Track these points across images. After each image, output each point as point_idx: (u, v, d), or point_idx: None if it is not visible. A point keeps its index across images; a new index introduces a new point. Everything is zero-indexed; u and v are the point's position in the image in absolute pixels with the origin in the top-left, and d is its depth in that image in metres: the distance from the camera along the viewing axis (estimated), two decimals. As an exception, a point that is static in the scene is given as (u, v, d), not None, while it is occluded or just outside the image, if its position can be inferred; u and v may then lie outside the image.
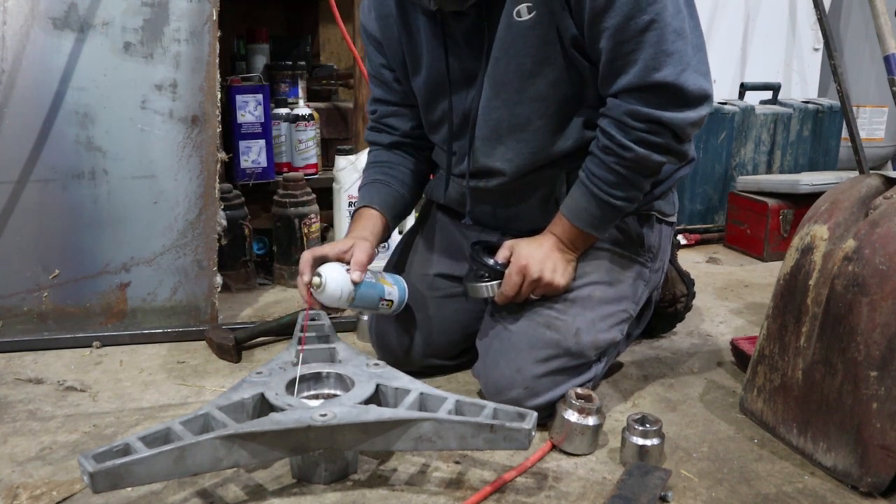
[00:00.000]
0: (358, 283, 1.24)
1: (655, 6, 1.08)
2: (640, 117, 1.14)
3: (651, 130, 1.15)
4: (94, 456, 0.93)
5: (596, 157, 1.21)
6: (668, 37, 1.10)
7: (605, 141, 1.18)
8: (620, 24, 1.09)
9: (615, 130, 1.17)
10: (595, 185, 1.21)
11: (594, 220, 1.25)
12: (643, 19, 1.09)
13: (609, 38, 1.11)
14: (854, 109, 2.63)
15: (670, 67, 1.11)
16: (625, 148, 1.17)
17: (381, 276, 1.34)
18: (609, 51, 1.13)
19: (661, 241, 1.39)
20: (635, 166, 1.19)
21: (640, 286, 1.37)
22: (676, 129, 1.15)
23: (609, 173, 1.20)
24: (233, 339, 1.56)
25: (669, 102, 1.13)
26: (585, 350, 1.27)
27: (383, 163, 1.45)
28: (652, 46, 1.10)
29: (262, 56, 2.35)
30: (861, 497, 1.10)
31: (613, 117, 1.17)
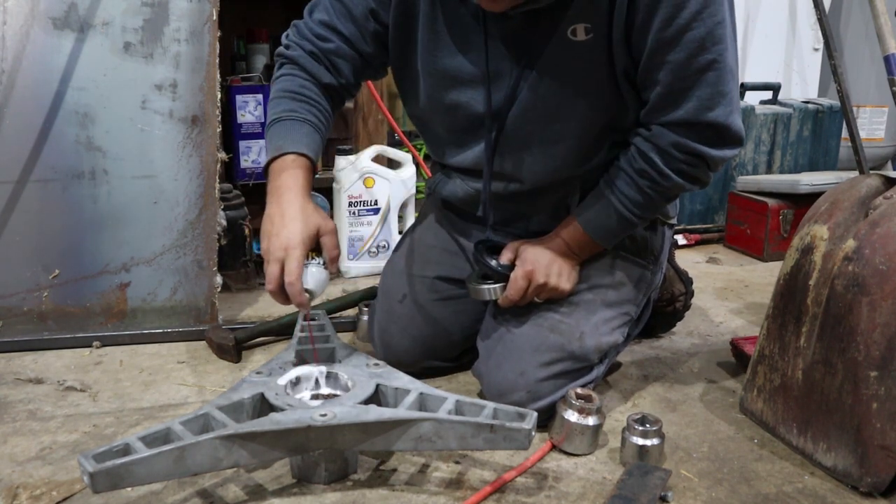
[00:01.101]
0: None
1: (720, 46, 1.09)
2: (685, 150, 1.15)
3: (691, 163, 1.17)
4: (94, 456, 0.93)
5: (627, 177, 1.21)
6: (725, 77, 1.11)
7: (644, 165, 1.18)
8: (684, 60, 1.09)
9: (657, 157, 1.17)
10: (621, 203, 1.22)
11: (608, 233, 1.26)
12: (707, 58, 1.09)
13: (670, 71, 1.11)
14: (854, 109, 2.63)
15: (722, 108, 1.12)
16: (664, 176, 1.18)
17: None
18: (667, 84, 1.12)
19: (663, 243, 1.40)
20: (666, 192, 1.21)
21: (643, 289, 1.38)
22: (712, 163, 1.18)
23: (639, 194, 1.21)
24: (233, 339, 1.56)
25: (715, 140, 1.15)
26: (589, 354, 1.27)
27: (314, 101, 1.24)
28: (710, 86, 1.11)
29: (262, 56, 2.35)
30: (861, 497, 1.10)
31: (657, 145, 1.17)
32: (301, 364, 1.22)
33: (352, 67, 1.29)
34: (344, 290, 1.99)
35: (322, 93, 1.27)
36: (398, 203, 2.15)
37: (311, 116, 1.23)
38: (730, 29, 1.12)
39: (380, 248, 2.13)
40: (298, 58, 1.27)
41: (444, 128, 1.33)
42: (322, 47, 1.26)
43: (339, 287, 2.04)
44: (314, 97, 1.25)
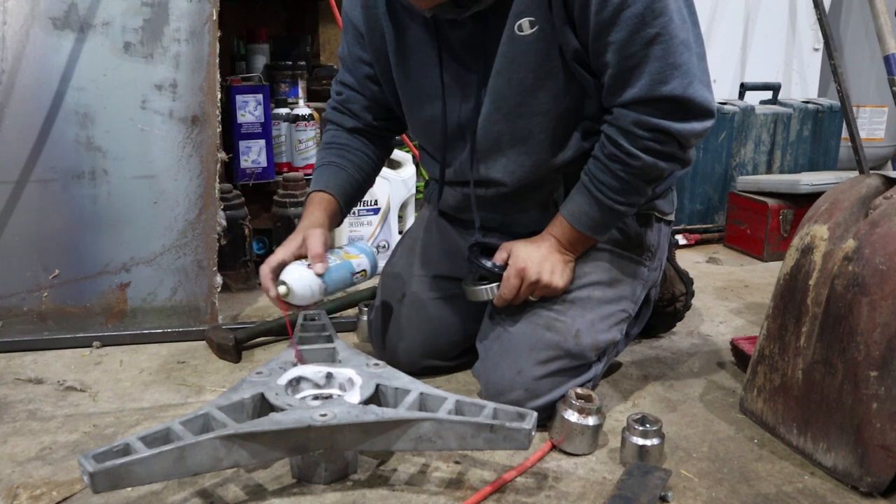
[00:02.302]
0: (322, 274, 1.22)
1: (661, 19, 1.08)
2: (647, 126, 1.14)
3: (657, 139, 1.15)
4: (94, 456, 0.93)
5: (600, 163, 1.20)
6: (675, 49, 1.10)
7: (612, 149, 1.18)
8: (626, 38, 1.09)
9: (622, 139, 1.16)
10: (599, 191, 1.21)
11: (595, 223, 1.25)
12: (649, 32, 1.08)
13: (615, 51, 1.11)
14: (854, 109, 2.63)
15: (677, 80, 1.11)
16: (632, 156, 1.17)
17: (345, 251, 1.31)
18: (615, 64, 1.12)
19: (660, 239, 1.39)
20: (641, 173, 1.19)
21: (639, 286, 1.37)
22: (682, 138, 1.16)
23: (614, 179, 1.20)
24: (233, 339, 1.56)
25: (676, 114, 1.13)
26: (585, 351, 1.27)
27: (342, 145, 1.42)
28: (658, 60, 1.10)
29: (262, 56, 2.35)
30: (861, 497, 1.10)
31: (620, 126, 1.16)
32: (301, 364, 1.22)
33: (365, 109, 1.42)
34: (344, 290, 1.99)
35: (350, 135, 1.43)
36: (398, 203, 2.16)
37: (336, 158, 1.40)
38: (675, 2, 1.10)
39: (380, 248, 2.13)
40: (328, 115, 1.47)
41: (427, 143, 1.40)
42: (338, 100, 1.44)
43: (339, 287, 2.04)
44: (341, 141, 1.42)
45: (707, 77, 1.16)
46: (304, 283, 1.20)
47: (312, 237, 1.24)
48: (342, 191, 1.37)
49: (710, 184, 2.62)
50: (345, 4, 1.37)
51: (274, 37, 2.41)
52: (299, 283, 1.20)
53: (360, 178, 1.41)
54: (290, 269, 1.21)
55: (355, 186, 1.40)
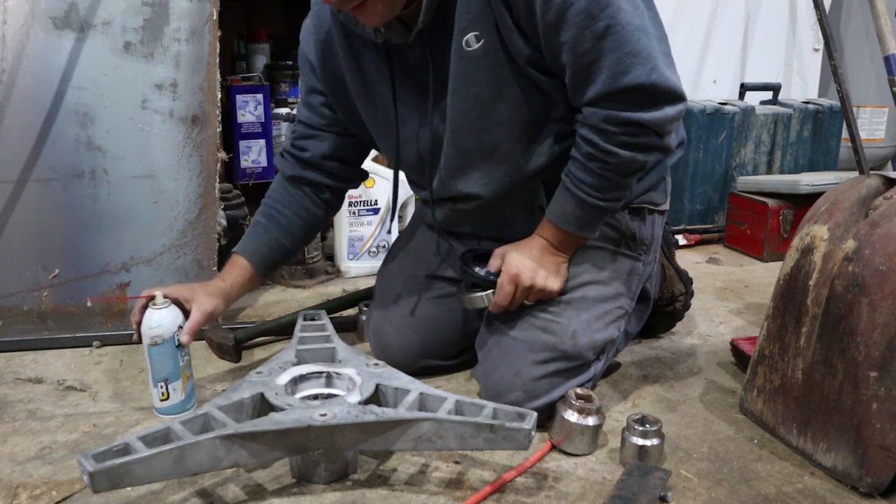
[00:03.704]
0: (181, 346, 1.29)
1: (609, 10, 1.05)
2: (617, 122, 1.12)
3: (631, 133, 1.13)
4: (93, 456, 0.93)
5: (579, 163, 1.19)
6: (629, 37, 1.07)
7: (588, 148, 1.16)
8: (577, 35, 1.07)
9: (597, 137, 1.14)
10: (580, 190, 1.19)
11: (581, 222, 1.24)
12: (599, 26, 1.06)
13: (569, 51, 1.09)
14: (854, 110, 2.63)
15: (639, 68, 1.08)
16: (609, 153, 1.15)
17: (188, 372, 1.34)
18: (572, 63, 1.11)
19: (654, 231, 1.38)
20: (621, 168, 1.17)
21: (635, 281, 1.37)
22: (656, 127, 1.13)
23: (593, 178, 1.18)
24: (233, 339, 1.56)
25: (644, 103, 1.11)
26: (583, 351, 1.27)
27: (275, 202, 1.43)
28: (614, 51, 1.07)
29: (263, 56, 2.35)
30: (861, 497, 1.10)
31: (592, 125, 1.14)
32: (301, 364, 1.22)
33: (316, 141, 1.42)
34: (344, 289, 1.99)
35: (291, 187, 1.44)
36: (398, 203, 2.15)
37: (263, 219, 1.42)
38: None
39: (380, 247, 2.13)
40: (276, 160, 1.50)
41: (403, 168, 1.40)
42: (292, 138, 1.45)
43: (339, 287, 2.04)
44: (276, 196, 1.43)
45: (670, 59, 1.13)
46: (160, 329, 1.28)
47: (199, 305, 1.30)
48: (260, 257, 1.40)
49: (710, 184, 2.63)
50: (301, 40, 1.37)
51: (274, 37, 2.41)
52: (159, 320, 1.28)
53: (284, 241, 1.42)
54: (164, 313, 1.28)
55: (278, 251, 1.42)
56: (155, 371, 1.30)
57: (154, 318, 1.28)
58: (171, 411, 1.30)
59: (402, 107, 1.28)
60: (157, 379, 1.30)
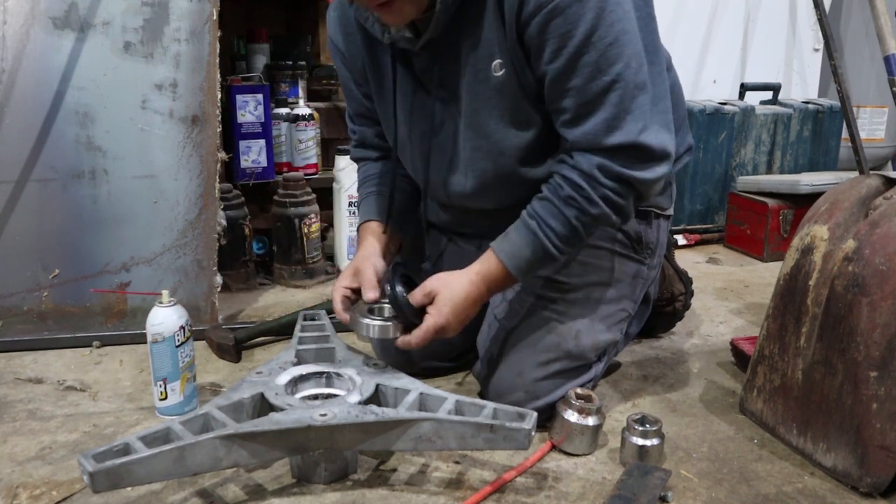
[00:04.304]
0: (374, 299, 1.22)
1: (617, 66, 1.06)
2: (610, 173, 1.10)
3: (617, 190, 1.12)
4: (93, 456, 0.93)
5: (552, 206, 1.14)
6: (630, 94, 1.08)
7: (571, 191, 1.13)
8: (582, 85, 1.07)
9: (585, 183, 1.12)
10: (545, 236, 1.15)
11: (529, 267, 1.17)
12: (605, 80, 1.07)
13: (572, 97, 1.09)
14: (854, 110, 2.63)
15: (630, 125, 1.08)
16: (592, 203, 1.12)
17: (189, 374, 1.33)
18: (571, 107, 1.10)
19: (660, 236, 1.39)
20: (593, 223, 1.15)
21: (639, 284, 1.37)
22: (642, 187, 1.13)
23: (564, 226, 1.14)
24: (233, 339, 1.56)
25: (634, 161, 1.10)
26: (586, 352, 1.27)
27: (373, 175, 1.41)
28: (614, 106, 1.08)
29: (263, 56, 2.35)
30: (861, 497, 1.10)
31: (583, 170, 1.12)
32: (301, 364, 1.22)
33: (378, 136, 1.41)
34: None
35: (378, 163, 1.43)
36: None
37: (371, 188, 1.41)
38: (631, 46, 1.07)
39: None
40: (353, 156, 1.49)
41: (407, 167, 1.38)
42: (355, 139, 1.46)
43: (339, 287, 2.03)
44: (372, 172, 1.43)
45: (665, 117, 1.13)
46: (161, 328, 1.29)
47: (365, 273, 1.25)
48: (385, 213, 1.34)
49: (710, 184, 2.62)
50: (328, 29, 1.37)
51: (274, 37, 2.41)
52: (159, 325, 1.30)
53: (400, 197, 1.37)
54: (168, 311, 1.30)
55: (397, 205, 1.36)
56: (155, 370, 1.30)
57: (158, 315, 1.28)
58: (169, 412, 1.30)
59: (401, 109, 1.28)
60: (156, 378, 1.30)
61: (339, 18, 1.32)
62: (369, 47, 1.28)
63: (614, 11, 1.05)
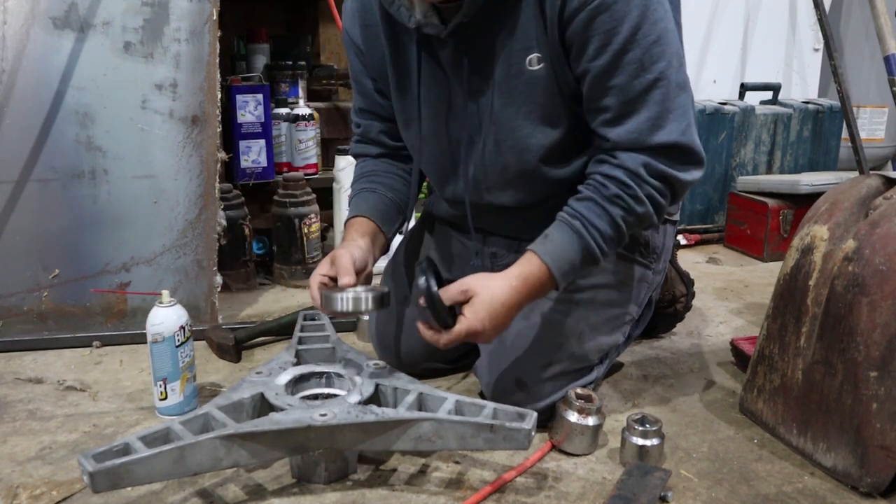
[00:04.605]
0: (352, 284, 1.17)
1: (660, 64, 1.07)
2: (655, 172, 1.11)
3: (661, 189, 1.12)
4: (93, 456, 0.93)
5: (597, 205, 1.12)
6: (673, 93, 1.09)
7: (617, 189, 1.11)
8: (626, 82, 1.08)
9: (632, 181, 1.11)
10: (591, 236, 1.12)
11: (572, 269, 1.14)
12: (648, 78, 1.07)
13: (615, 95, 1.09)
14: (854, 110, 2.63)
15: (674, 124, 1.09)
16: (638, 201, 1.11)
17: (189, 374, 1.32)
18: (613, 106, 1.10)
19: (665, 241, 1.39)
20: (637, 223, 1.14)
21: (644, 288, 1.37)
22: (681, 188, 1.14)
23: (609, 225, 1.12)
24: (233, 339, 1.56)
25: (676, 161, 1.12)
26: (589, 354, 1.27)
27: (370, 173, 1.39)
28: (657, 104, 1.08)
29: (263, 56, 2.35)
30: (861, 497, 1.10)
31: (629, 168, 1.11)
32: (301, 364, 1.22)
33: (384, 133, 1.40)
34: (344, 289, 1.99)
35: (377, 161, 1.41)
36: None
37: (366, 185, 1.37)
38: (673, 44, 1.08)
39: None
40: (353, 151, 1.46)
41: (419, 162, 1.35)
42: (358, 133, 1.43)
43: (339, 287, 2.03)
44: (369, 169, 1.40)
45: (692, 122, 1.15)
46: (161, 327, 1.29)
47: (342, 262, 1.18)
48: (376, 211, 1.33)
49: (710, 184, 2.62)
50: (344, 21, 1.35)
51: (274, 37, 2.41)
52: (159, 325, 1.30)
53: (392, 196, 1.36)
54: (168, 311, 1.30)
55: (389, 205, 1.35)
56: (155, 370, 1.30)
57: (158, 315, 1.28)
58: (169, 412, 1.30)
59: (425, 103, 1.26)
60: (156, 378, 1.30)
61: (357, 10, 1.30)
62: (392, 40, 1.26)
63: (657, 10, 1.06)
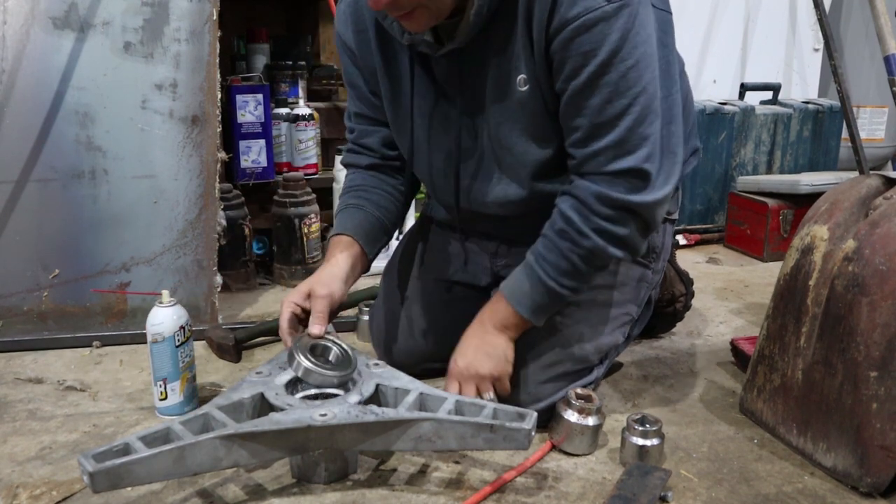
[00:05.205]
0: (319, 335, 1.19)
1: (635, 89, 1.05)
2: (608, 201, 1.09)
3: (616, 219, 1.10)
4: (93, 456, 0.93)
5: (548, 240, 1.14)
6: (644, 118, 1.07)
7: (562, 224, 1.13)
8: (600, 104, 1.06)
9: (575, 214, 1.11)
10: (543, 270, 1.14)
11: (536, 306, 1.17)
12: (622, 103, 1.06)
13: (588, 116, 1.08)
14: (854, 110, 2.63)
15: (640, 150, 1.08)
16: (582, 235, 1.11)
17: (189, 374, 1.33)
18: (584, 129, 1.09)
19: (665, 240, 1.39)
20: (589, 257, 1.13)
21: (644, 288, 1.37)
22: (644, 211, 1.11)
23: (561, 259, 1.13)
24: (233, 339, 1.56)
25: (635, 186, 1.09)
26: (589, 355, 1.27)
27: (358, 187, 1.37)
28: (627, 129, 1.07)
29: (262, 56, 2.35)
30: (861, 497, 1.10)
31: (578, 198, 1.11)
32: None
33: (377, 138, 1.37)
34: (344, 289, 1.99)
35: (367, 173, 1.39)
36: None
37: (353, 200, 1.35)
38: (651, 70, 1.07)
39: (381, 248, 2.12)
40: (344, 159, 1.43)
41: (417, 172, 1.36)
42: (351, 139, 1.40)
43: (339, 287, 2.03)
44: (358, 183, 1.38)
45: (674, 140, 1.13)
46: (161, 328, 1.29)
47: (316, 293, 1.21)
48: (361, 231, 1.32)
49: (710, 184, 2.62)
50: (337, 25, 1.33)
51: (274, 37, 2.41)
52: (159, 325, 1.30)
53: (379, 215, 1.35)
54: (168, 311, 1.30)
55: (375, 225, 1.34)
56: (155, 370, 1.30)
57: (158, 315, 1.28)
58: (169, 412, 1.30)
59: (419, 114, 1.26)
60: (156, 378, 1.30)
61: (350, 15, 1.29)
62: (383, 48, 1.25)
63: (639, 34, 1.04)
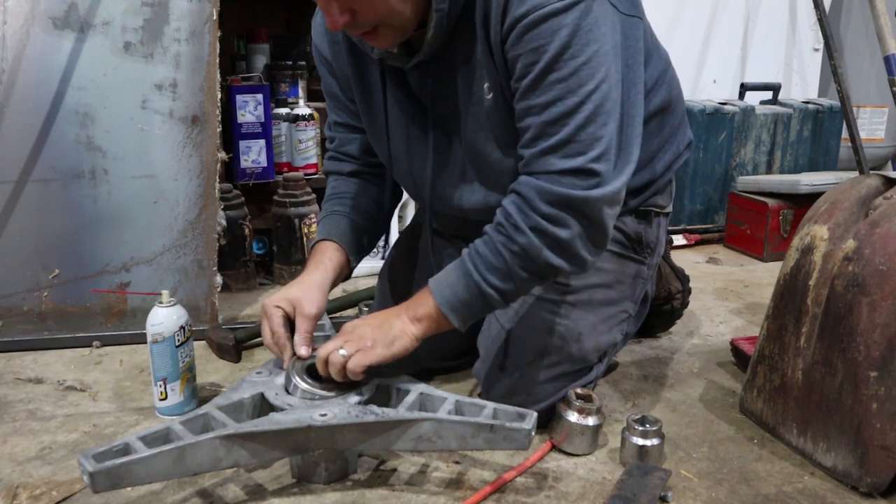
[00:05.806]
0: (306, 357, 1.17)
1: (585, 88, 1.02)
2: (552, 198, 1.04)
3: (556, 219, 1.04)
4: (94, 455, 0.93)
5: (486, 235, 1.10)
6: (595, 118, 1.04)
7: (500, 217, 1.08)
8: (548, 103, 1.04)
9: (514, 209, 1.07)
10: (472, 263, 1.08)
11: (457, 301, 1.10)
12: (572, 101, 1.03)
13: (535, 115, 1.05)
14: (854, 110, 2.63)
15: (590, 150, 1.04)
16: (518, 230, 1.06)
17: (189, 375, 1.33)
18: (534, 127, 1.06)
19: (659, 234, 1.38)
20: (523, 256, 1.07)
21: (639, 284, 1.37)
22: (590, 211, 1.05)
23: (492, 254, 1.08)
24: (233, 339, 1.56)
25: (580, 184, 1.04)
26: (588, 355, 1.27)
27: (341, 194, 1.37)
28: (577, 128, 1.03)
29: (262, 56, 2.35)
30: (861, 497, 1.10)
31: (520, 193, 1.06)
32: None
33: (359, 145, 1.39)
34: (344, 290, 1.99)
35: (350, 180, 1.40)
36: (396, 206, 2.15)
37: (337, 206, 1.36)
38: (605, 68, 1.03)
39: (380, 248, 2.12)
40: (326, 167, 1.44)
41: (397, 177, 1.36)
42: (332, 147, 1.42)
43: (338, 287, 2.03)
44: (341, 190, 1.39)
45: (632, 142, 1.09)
46: (161, 328, 1.30)
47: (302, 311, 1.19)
48: (346, 237, 1.31)
49: (710, 184, 2.63)
50: (313, 36, 1.33)
51: (274, 37, 2.41)
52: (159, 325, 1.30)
53: (362, 223, 1.35)
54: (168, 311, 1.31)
55: (359, 233, 1.34)
56: (155, 370, 1.30)
57: (158, 315, 1.28)
58: (169, 412, 1.30)
59: (395, 125, 1.26)
60: (156, 378, 1.30)
61: (324, 25, 1.29)
62: (356, 60, 1.26)
63: (592, 32, 1.01)
